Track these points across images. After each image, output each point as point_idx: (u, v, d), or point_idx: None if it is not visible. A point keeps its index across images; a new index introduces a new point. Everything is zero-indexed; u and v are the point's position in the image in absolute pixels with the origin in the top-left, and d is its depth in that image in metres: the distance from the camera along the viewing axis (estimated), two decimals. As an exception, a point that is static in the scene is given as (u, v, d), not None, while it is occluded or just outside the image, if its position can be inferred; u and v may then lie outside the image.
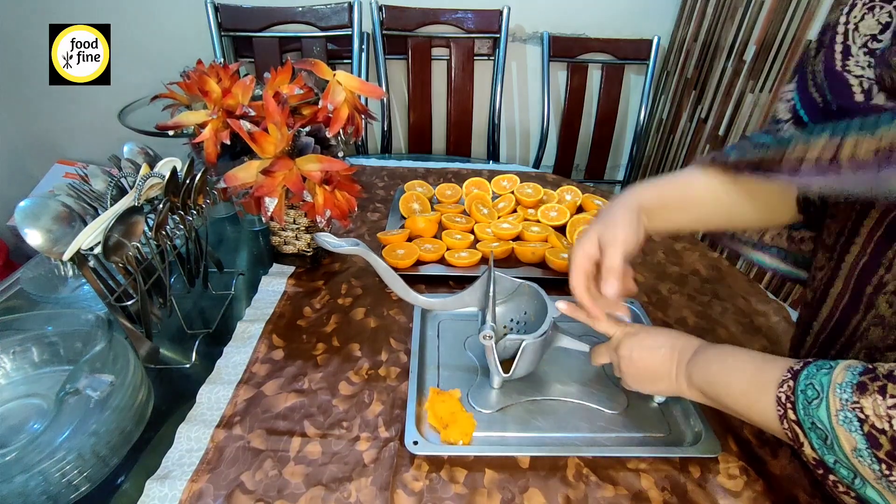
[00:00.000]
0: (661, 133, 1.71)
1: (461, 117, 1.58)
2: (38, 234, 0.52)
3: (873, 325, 0.42)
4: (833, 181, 0.37)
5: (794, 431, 0.37)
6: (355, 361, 0.64)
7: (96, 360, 0.52)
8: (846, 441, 0.34)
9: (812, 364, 0.38)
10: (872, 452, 0.32)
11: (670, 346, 0.50)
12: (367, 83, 0.71)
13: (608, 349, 0.54)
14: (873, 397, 0.33)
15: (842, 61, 0.40)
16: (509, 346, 0.54)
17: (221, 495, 0.48)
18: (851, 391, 0.34)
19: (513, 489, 0.49)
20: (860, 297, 0.43)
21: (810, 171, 0.38)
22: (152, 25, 1.55)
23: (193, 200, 0.67)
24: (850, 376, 0.35)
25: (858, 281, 0.43)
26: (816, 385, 0.36)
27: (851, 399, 0.34)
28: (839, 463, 0.35)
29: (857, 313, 0.44)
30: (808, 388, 0.36)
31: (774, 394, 0.39)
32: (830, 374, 0.36)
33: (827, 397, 0.35)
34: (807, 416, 0.36)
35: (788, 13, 1.12)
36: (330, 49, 1.50)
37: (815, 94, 0.44)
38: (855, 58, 0.40)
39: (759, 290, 0.81)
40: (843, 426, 0.34)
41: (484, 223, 0.91)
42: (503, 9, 1.45)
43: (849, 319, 0.45)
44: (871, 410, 0.32)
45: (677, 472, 0.51)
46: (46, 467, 0.43)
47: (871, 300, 0.42)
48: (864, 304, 0.43)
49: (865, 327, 0.43)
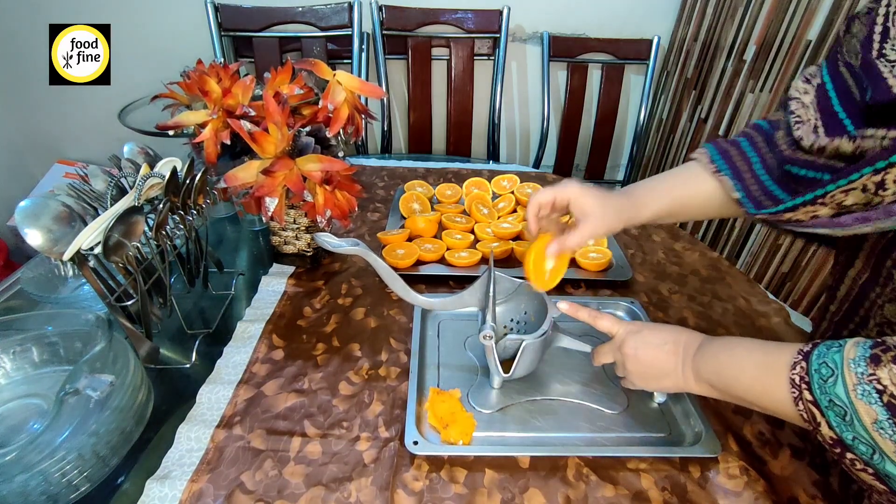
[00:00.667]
0: (661, 133, 1.71)
1: (461, 117, 1.58)
2: (38, 234, 0.52)
3: (889, 300, 0.42)
4: (868, 225, 0.38)
5: (810, 412, 0.37)
6: (355, 361, 0.64)
7: (96, 360, 0.52)
8: (866, 414, 0.33)
9: (821, 344, 0.38)
10: (894, 422, 0.32)
11: (674, 341, 0.50)
12: (367, 83, 0.71)
13: (611, 348, 0.54)
14: (888, 367, 0.33)
15: (879, 44, 0.40)
16: (509, 346, 0.54)
17: (221, 495, 0.48)
18: (866, 364, 0.34)
19: (513, 489, 0.49)
20: (880, 271, 0.43)
21: (852, 218, 0.39)
22: (152, 25, 1.55)
23: (193, 200, 0.67)
24: (861, 350, 0.35)
25: (880, 257, 0.43)
26: (829, 363, 0.36)
27: (867, 372, 0.34)
28: (858, 439, 0.35)
29: (874, 289, 0.44)
30: (822, 367, 0.36)
31: (787, 377, 0.39)
32: (841, 351, 0.36)
33: (842, 373, 0.35)
34: (823, 395, 0.36)
35: (788, 13, 1.12)
36: (330, 49, 1.50)
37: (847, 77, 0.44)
38: (892, 41, 0.39)
39: (760, 290, 0.81)
40: (862, 399, 0.34)
41: (484, 223, 0.91)
42: (503, 9, 1.45)
43: (867, 295, 0.45)
44: (888, 381, 0.33)
45: (677, 472, 0.51)
46: (46, 467, 0.43)
47: (890, 273, 0.42)
48: (883, 277, 0.43)
49: (881, 304, 0.43)
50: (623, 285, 0.79)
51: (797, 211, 0.42)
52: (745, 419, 0.57)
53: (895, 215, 0.36)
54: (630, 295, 0.77)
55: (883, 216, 0.37)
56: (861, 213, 0.38)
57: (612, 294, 0.78)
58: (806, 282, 1.09)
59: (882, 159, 0.35)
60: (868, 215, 0.38)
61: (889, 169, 0.35)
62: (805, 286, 1.10)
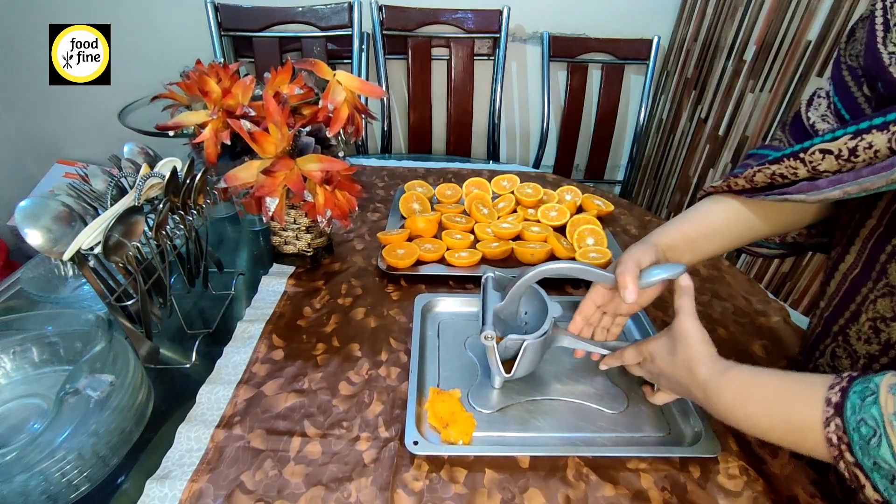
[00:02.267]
0: (661, 133, 1.71)
1: (461, 117, 1.58)
2: (38, 234, 0.52)
3: (881, 295, 0.42)
4: (851, 186, 0.38)
5: (852, 473, 0.34)
6: (355, 361, 0.64)
7: (96, 360, 0.52)
8: None
9: (850, 391, 0.35)
10: None
11: (686, 377, 0.46)
12: (367, 83, 0.71)
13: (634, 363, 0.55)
14: None
15: (882, 35, 0.40)
16: (510, 346, 0.54)
17: (221, 495, 0.48)
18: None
19: (513, 489, 0.49)
20: (873, 266, 0.43)
21: (827, 182, 0.39)
22: (152, 25, 1.55)
23: (193, 200, 0.67)
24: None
25: (872, 251, 0.43)
26: (869, 420, 0.33)
27: None
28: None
29: (867, 283, 0.44)
30: (861, 426, 0.33)
31: (822, 435, 0.35)
32: (877, 402, 0.33)
33: (885, 433, 0.32)
34: (866, 458, 0.33)
35: (788, 13, 1.12)
36: (330, 49, 1.50)
37: (849, 80, 0.45)
38: (892, 34, 0.40)
39: (760, 289, 0.81)
40: None
41: (484, 223, 0.91)
42: (503, 9, 1.45)
43: (858, 290, 0.45)
44: None
45: (677, 472, 0.51)
46: (46, 467, 0.43)
47: (883, 268, 0.42)
48: (876, 272, 0.43)
49: (874, 298, 0.43)
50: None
51: (781, 164, 0.43)
52: (745, 419, 0.57)
53: (862, 177, 0.37)
54: (630, 295, 0.77)
55: (852, 178, 0.38)
56: (835, 176, 0.40)
57: (612, 294, 0.78)
58: (806, 282, 1.09)
59: (866, 120, 0.37)
60: (841, 177, 0.39)
61: (864, 135, 0.37)
62: (805, 286, 1.10)
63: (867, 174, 0.37)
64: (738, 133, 1.28)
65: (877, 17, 0.41)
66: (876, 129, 0.36)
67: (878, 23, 0.40)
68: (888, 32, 0.40)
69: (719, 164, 1.35)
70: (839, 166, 0.39)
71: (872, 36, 0.41)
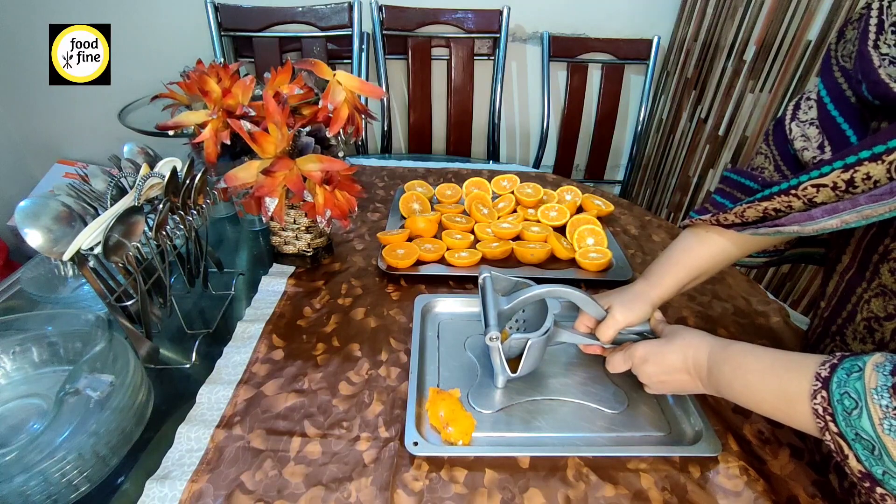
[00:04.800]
0: (661, 133, 1.71)
1: (461, 117, 1.58)
2: (38, 234, 0.52)
3: (875, 295, 0.42)
4: (849, 215, 0.38)
5: (837, 444, 0.36)
6: (355, 361, 0.64)
7: (96, 360, 0.52)
8: (895, 449, 0.32)
9: (839, 368, 0.36)
10: None
11: (682, 363, 0.50)
12: (367, 83, 0.71)
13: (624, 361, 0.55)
14: None
15: (875, 37, 0.40)
16: (514, 345, 0.55)
17: (221, 495, 0.48)
18: (889, 396, 0.33)
19: (513, 489, 0.49)
20: (866, 266, 0.43)
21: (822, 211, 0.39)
22: (152, 25, 1.55)
23: (193, 200, 0.67)
24: (882, 378, 0.34)
25: (866, 251, 0.44)
26: (852, 393, 0.35)
27: (892, 405, 0.32)
28: (889, 474, 0.33)
29: (861, 283, 0.44)
30: (845, 398, 0.35)
31: (809, 406, 0.37)
32: (862, 378, 0.34)
33: (866, 406, 0.33)
34: (849, 428, 0.34)
35: (788, 13, 1.12)
36: (330, 49, 1.50)
37: (841, 81, 0.45)
38: (885, 35, 0.39)
39: (760, 290, 0.81)
40: (889, 435, 0.32)
41: (484, 223, 0.91)
42: (503, 9, 1.45)
43: (853, 290, 0.45)
44: None
45: (677, 472, 0.51)
46: (46, 467, 0.43)
47: (876, 268, 0.42)
48: (869, 272, 0.43)
49: (867, 298, 0.43)
50: (623, 285, 0.79)
51: (772, 200, 0.43)
52: (745, 419, 0.57)
53: (860, 206, 0.37)
54: (630, 295, 0.77)
55: (850, 206, 0.37)
56: (830, 205, 0.39)
57: (612, 294, 0.78)
58: (806, 282, 1.09)
59: (853, 154, 0.36)
60: (837, 206, 0.38)
61: (857, 167, 0.36)
62: (805, 286, 1.10)
63: (865, 202, 0.36)
64: (737, 133, 1.28)
65: (871, 17, 0.40)
66: (868, 161, 0.35)
67: (873, 24, 0.40)
68: (881, 34, 0.39)
69: (719, 164, 1.35)
70: (837, 197, 0.38)
71: (865, 37, 0.40)
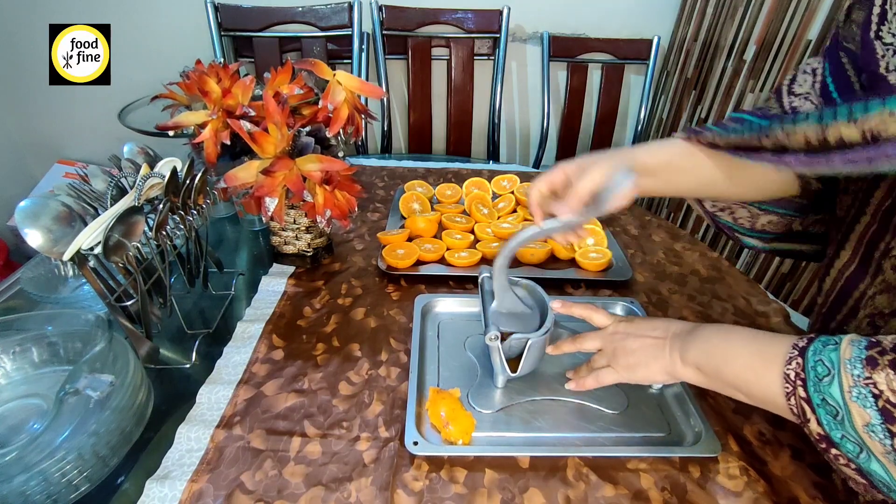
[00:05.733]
0: (661, 133, 1.71)
1: (461, 117, 1.58)
2: (38, 234, 0.52)
3: (880, 292, 0.42)
4: (822, 168, 0.36)
5: (801, 408, 0.37)
6: (355, 361, 0.64)
7: (96, 360, 0.52)
8: (859, 416, 0.34)
9: (816, 340, 0.38)
10: (886, 427, 0.32)
11: (664, 327, 0.51)
12: (367, 83, 0.71)
13: (600, 334, 0.55)
14: (885, 372, 0.33)
15: (877, 26, 0.39)
16: (514, 345, 0.55)
17: (221, 495, 0.48)
18: (862, 367, 0.34)
19: (513, 489, 0.49)
20: (868, 263, 0.43)
21: (796, 159, 0.38)
22: (152, 25, 1.55)
23: (193, 200, 0.67)
24: (857, 351, 0.35)
25: (867, 248, 0.43)
26: (826, 362, 0.36)
27: (863, 375, 0.34)
28: (846, 438, 0.35)
29: (863, 280, 0.44)
30: (818, 365, 0.36)
31: (781, 371, 0.38)
32: (837, 349, 0.36)
33: (839, 373, 0.35)
34: (817, 393, 0.36)
35: (788, 13, 1.12)
36: (330, 49, 1.51)
37: (845, 62, 0.44)
38: (888, 24, 0.39)
39: (760, 290, 0.81)
40: (856, 402, 0.34)
41: (484, 223, 0.91)
42: (503, 9, 1.45)
43: (854, 287, 0.45)
44: (885, 385, 0.33)
45: (677, 472, 0.51)
46: (46, 467, 0.43)
47: (879, 265, 0.42)
48: (872, 269, 0.43)
49: (871, 294, 0.43)
50: (623, 285, 0.79)
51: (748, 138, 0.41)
52: (745, 419, 0.57)
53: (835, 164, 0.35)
54: (630, 295, 0.77)
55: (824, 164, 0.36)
56: (805, 157, 0.37)
57: (612, 294, 0.78)
58: (806, 282, 1.09)
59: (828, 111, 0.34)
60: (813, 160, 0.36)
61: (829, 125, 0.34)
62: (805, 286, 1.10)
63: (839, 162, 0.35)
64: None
65: (875, 4, 0.40)
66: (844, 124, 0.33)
67: (875, 12, 0.40)
68: (884, 23, 0.39)
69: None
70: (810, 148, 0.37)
71: (867, 25, 0.40)
